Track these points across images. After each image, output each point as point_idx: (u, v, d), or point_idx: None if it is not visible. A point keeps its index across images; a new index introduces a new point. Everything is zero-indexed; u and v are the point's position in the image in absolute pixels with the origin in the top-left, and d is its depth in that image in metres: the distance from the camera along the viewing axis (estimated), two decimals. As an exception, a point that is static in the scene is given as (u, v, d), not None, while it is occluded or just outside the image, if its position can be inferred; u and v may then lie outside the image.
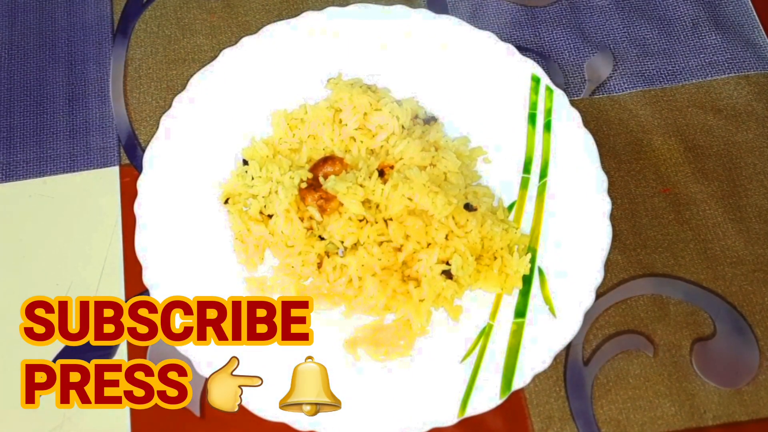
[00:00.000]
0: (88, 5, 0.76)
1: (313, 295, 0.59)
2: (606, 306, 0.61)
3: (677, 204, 0.65)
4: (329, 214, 0.60)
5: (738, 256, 0.63)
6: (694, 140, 0.67)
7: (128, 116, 0.70)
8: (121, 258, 0.64)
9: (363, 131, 0.64)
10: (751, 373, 0.59)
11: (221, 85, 0.66)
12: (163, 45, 0.73)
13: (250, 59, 0.67)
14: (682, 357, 0.59)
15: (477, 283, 0.59)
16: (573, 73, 0.71)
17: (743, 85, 0.69)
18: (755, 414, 0.57)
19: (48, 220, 0.66)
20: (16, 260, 0.64)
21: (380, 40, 0.68)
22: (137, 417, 0.58)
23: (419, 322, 0.58)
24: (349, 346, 0.58)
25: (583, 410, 0.58)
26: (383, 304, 0.58)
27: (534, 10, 0.74)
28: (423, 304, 0.58)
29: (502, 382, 0.55)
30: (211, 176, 0.64)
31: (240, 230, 0.61)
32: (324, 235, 0.60)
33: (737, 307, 0.61)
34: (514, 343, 0.57)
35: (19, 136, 0.70)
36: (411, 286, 0.58)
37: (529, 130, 0.64)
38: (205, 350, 0.56)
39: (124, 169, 0.68)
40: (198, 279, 0.60)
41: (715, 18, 0.73)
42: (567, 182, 0.62)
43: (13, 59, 0.74)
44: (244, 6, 0.75)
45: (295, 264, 0.60)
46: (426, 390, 0.56)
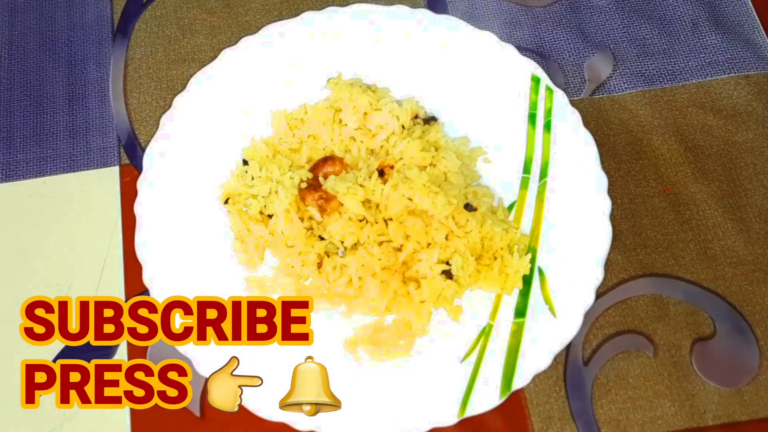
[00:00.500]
0: (88, 5, 0.76)
1: (313, 295, 0.59)
2: (606, 306, 0.61)
3: (677, 204, 0.65)
4: (329, 214, 0.60)
5: (738, 256, 0.63)
6: (694, 140, 0.67)
7: (128, 116, 0.70)
8: (121, 258, 0.64)
9: (363, 131, 0.64)
10: (751, 373, 0.59)
11: (221, 85, 0.66)
12: (163, 45, 0.73)
13: (250, 59, 0.67)
14: (682, 357, 0.59)
15: (477, 283, 0.59)
16: (573, 73, 0.71)
17: (743, 85, 0.69)
18: (755, 414, 0.57)
19: (48, 220, 0.66)
20: (16, 260, 0.64)
21: (380, 40, 0.68)
22: (137, 417, 0.58)
23: (419, 323, 0.58)
24: (349, 346, 0.58)
25: (583, 410, 0.58)
26: (384, 306, 0.58)
27: (534, 10, 0.74)
28: (423, 305, 0.58)
29: (502, 382, 0.55)
30: (211, 176, 0.64)
31: (240, 230, 0.61)
32: (324, 235, 0.60)
33: (737, 307, 0.61)
34: (514, 343, 0.57)
35: (19, 136, 0.70)
36: (412, 288, 0.58)
37: (529, 130, 0.64)
38: (205, 350, 0.56)
39: (124, 169, 0.68)
40: (198, 279, 0.60)
41: (715, 18, 0.73)
42: (567, 182, 0.62)
43: (13, 59, 0.74)
44: (244, 6, 0.75)
45: (295, 264, 0.60)
46: (426, 390, 0.56)
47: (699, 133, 0.68)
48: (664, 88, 0.70)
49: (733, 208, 0.65)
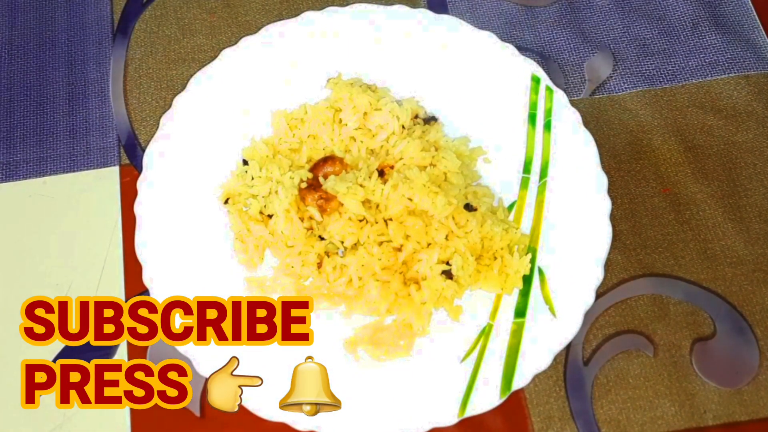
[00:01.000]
0: (88, 5, 0.76)
1: (313, 295, 0.59)
2: (606, 306, 0.61)
3: (677, 204, 0.65)
4: (329, 214, 0.60)
5: (738, 256, 0.63)
6: (694, 140, 0.67)
7: (128, 116, 0.70)
8: (121, 258, 0.64)
9: (363, 131, 0.64)
10: (751, 373, 0.59)
11: (221, 85, 0.66)
12: (163, 45, 0.73)
13: (250, 59, 0.67)
14: (682, 357, 0.59)
15: (477, 283, 0.59)
16: (573, 73, 0.71)
17: (743, 85, 0.69)
18: (755, 414, 0.57)
19: (48, 220, 0.66)
20: (16, 260, 0.64)
21: (380, 40, 0.68)
22: (137, 417, 0.58)
23: (420, 324, 0.58)
24: (349, 346, 0.58)
25: (583, 410, 0.58)
26: (385, 309, 0.58)
27: (534, 10, 0.74)
28: (424, 306, 0.58)
29: (502, 382, 0.55)
30: (211, 176, 0.64)
31: (240, 230, 0.61)
32: (324, 235, 0.60)
33: (737, 307, 0.61)
34: (514, 343, 0.57)
35: (19, 136, 0.70)
36: (413, 290, 0.58)
37: (529, 130, 0.64)
38: (205, 350, 0.56)
39: (124, 169, 0.68)
40: (198, 279, 0.60)
41: (715, 18, 0.73)
42: (567, 182, 0.62)
43: (13, 59, 0.74)
44: (244, 6, 0.75)
45: (295, 264, 0.60)
46: (426, 390, 0.56)
47: (699, 133, 0.68)
48: (664, 88, 0.70)
49: (733, 208, 0.65)
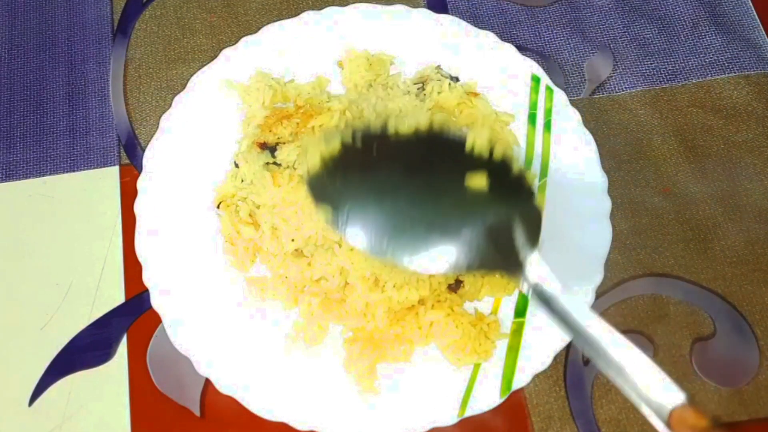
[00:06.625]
0: (88, 5, 0.76)
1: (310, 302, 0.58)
2: (606, 306, 0.61)
3: (677, 204, 0.65)
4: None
5: (738, 256, 0.63)
6: (694, 140, 0.67)
7: (128, 116, 0.70)
8: (121, 258, 0.64)
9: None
10: (751, 373, 0.59)
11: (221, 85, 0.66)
12: (163, 45, 0.73)
13: (249, 59, 0.67)
14: (682, 357, 0.59)
15: (483, 290, 0.58)
16: (573, 73, 0.71)
17: (743, 85, 0.69)
18: (755, 414, 0.57)
19: (48, 220, 0.66)
20: (16, 260, 0.64)
21: (380, 40, 0.68)
22: (137, 417, 0.58)
23: (422, 341, 0.57)
24: (349, 345, 0.58)
25: (583, 410, 0.58)
26: (393, 335, 0.57)
27: (534, 10, 0.74)
28: (430, 326, 0.57)
29: (502, 382, 0.55)
30: (212, 176, 0.64)
31: (230, 233, 0.60)
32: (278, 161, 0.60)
33: (737, 307, 0.61)
34: (514, 343, 0.57)
35: (19, 136, 0.70)
36: (421, 310, 0.57)
37: (529, 129, 0.64)
38: (205, 350, 0.56)
39: (124, 169, 0.68)
40: (199, 278, 0.60)
41: (715, 18, 0.73)
42: (567, 182, 0.62)
43: (13, 59, 0.74)
44: (244, 6, 0.75)
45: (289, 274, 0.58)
46: (426, 390, 0.56)
47: (699, 133, 0.68)
48: (664, 88, 0.70)
49: (733, 208, 0.65)
